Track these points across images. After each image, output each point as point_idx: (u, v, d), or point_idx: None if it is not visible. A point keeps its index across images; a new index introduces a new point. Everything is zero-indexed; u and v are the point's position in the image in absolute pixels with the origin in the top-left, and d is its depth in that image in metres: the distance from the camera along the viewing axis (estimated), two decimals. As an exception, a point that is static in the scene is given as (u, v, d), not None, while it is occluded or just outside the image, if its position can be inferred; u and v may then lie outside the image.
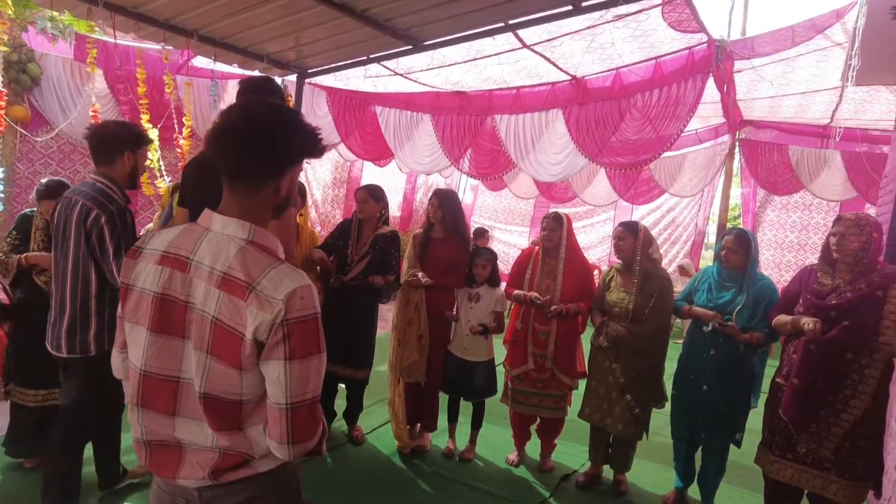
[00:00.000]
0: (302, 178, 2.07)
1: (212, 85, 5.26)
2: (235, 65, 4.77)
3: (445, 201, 3.60)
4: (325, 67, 4.96)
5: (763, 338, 2.88)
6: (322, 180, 9.01)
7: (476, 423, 3.69)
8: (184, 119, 4.68)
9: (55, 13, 4.61)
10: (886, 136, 6.20)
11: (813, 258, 8.25)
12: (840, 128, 6.45)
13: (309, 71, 5.05)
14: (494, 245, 10.07)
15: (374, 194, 3.64)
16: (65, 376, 2.58)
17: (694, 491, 3.29)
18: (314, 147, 1.26)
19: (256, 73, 5.22)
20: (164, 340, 1.21)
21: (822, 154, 7.17)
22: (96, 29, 4.59)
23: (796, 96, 5.84)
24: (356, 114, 6.27)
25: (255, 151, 1.19)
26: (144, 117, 4.38)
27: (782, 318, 2.69)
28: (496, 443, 3.84)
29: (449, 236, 3.59)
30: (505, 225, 11.23)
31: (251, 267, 1.16)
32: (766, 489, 2.83)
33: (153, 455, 1.27)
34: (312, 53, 4.53)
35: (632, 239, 3.26)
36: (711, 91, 4.64)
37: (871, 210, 5.93)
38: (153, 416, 1.24)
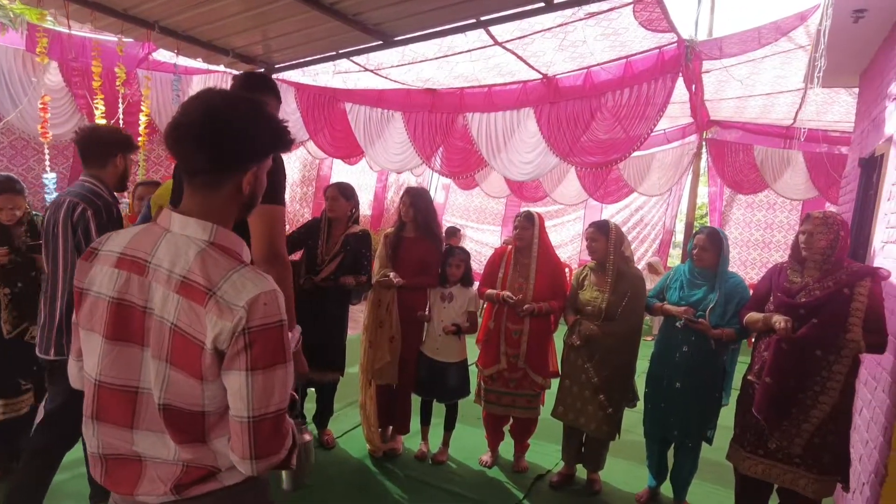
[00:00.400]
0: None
1: (174, 79, 5.08)
2: (199, 59, 4.61)
3: (417, 200, 3.54)
4: (293, 63, 4.84)
5: (734, 334, 2.90)
6: (290, 178, 8.86)
7: (449, 425, 3.65)
8: (141, 113, 4.49)
9: (5, 1, 4.38)
10: (846, 138, 6.38)
11: (777, 255, 8.48)
12: (804, 129, 6.62)
13: (276, 66, 4.92)
14: (466, 244, 10.05)
15: (344, 192, 3.55)
16: (51, 380, 2.51)
17: (667, 488, 3.30)
18: (281, 141, 1.18)
19: (221, 67, 5.07)
20: (120, 348, 1.13)
21: (785, 154, 7.35)
22: (49, 18, 4.37)
23: (761, 97, 5.95)
24: (325, 110, 6.15)
25: (211, 146, 1.10)
26: (98, 112, 4.18)
27: (753, 316, 2.71)
28: (469, 444, 3.80)
29: (421, 235, 3.53)
30: (476, 224, 11.23)
31: (211, 271, 1.09)
32: (737, 485, 2.85)
33: (110, 470, 1.18)
34: (280, 48, 4.41)
35: (604, 239, 3.26)
36: (680, 91, 4.69)
37: (831, 209, 6.08)
38: (110, 428, 1.16)
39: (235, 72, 5.46)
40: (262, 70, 4.94)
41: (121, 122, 4.28)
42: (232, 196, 1.17)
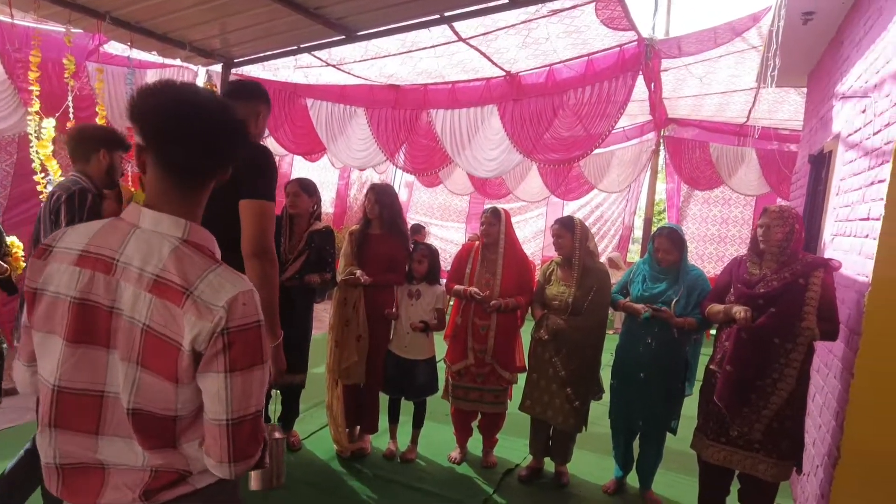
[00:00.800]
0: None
1: (128, 73, 4.87)
2: (155, 52, 4.46)
3: (383, 196, 3.51)
4: (253, 57, 4.73)
5: (696, 323, 2.98)
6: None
7: (418, 423, 3.63)
8: (97, 108, 4.29)
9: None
10: (795, 135, 6.63)
11: (732, 249, 8.75)
12: (757, 127, 6.85)
13: (235, 60, 4.80)
14: (431, 241, 10.02)
15: (305, 188, 3.49)
16: None
17: (633, 478, 3.37)
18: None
19: (178, 61, 4.91)
20: (83, 351, 1.07)
21: (739, 151, 7.59)
22: (-11, 7, 4.14)
23: (716, 96, 6.13)
24: (286, 106, 6.03)
25: (224, 148, 1.11)
26: (34, 107, 3.94)
27: (715, 308, 2.79)
28: (438, 441, 3.80)
29: (387, 232, 3.50)
30: (441, 221, 11.23)
31: (187, 269, 1.05)
32: (701, 472, 2.92)
33: (67, 481, 1.11)
34: (239, 42, 4.29)
35: (569, 235, 3.29)
36: (639, 89, 4.78)
37: (784, 204, 6.31)
38: (71, 436, 1.09)
39: (193, 66, 5.30)
40: (221, 63, 4.82)
41: (70, 116, 4.08)
42: (207, 194, 1.17)
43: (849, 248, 2.76)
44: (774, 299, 2.56)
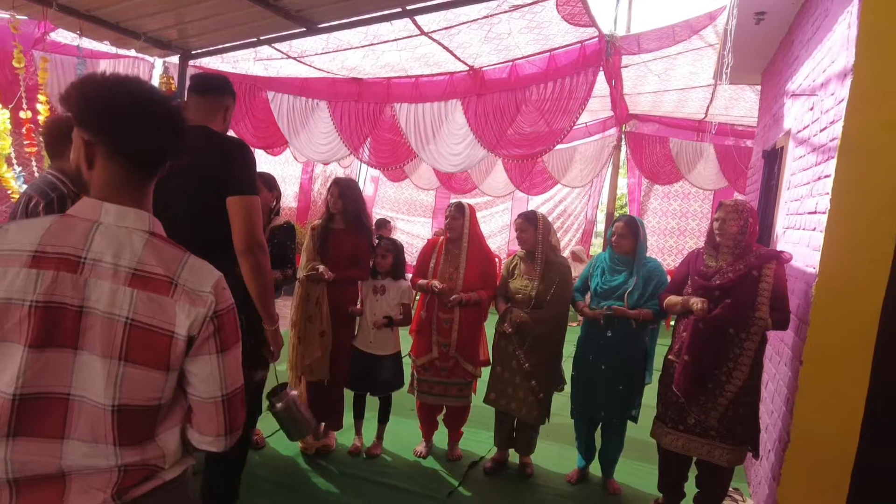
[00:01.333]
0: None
1: (78, 63, 4.69)
2: (107, 42, 4.31)
3: (347, 191, 3.47)
4: (211, 49, 4.62)
5: (651, 314, 3.05)
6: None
7: (383, 418, 3.62)
8: (39, 98, 4.11)
9: None
10: (751, 131, 6.84)
11: (692, 242, 8.98)
12: (715, 122, 7.03)
13: (193, 52, 4.68)
14: (397, 236, 9.99)
15: (266, 182, 3.41)
16: None
17: (595, 468, 3.44)
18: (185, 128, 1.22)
19: (132, 52, 4.76)
20: (49, 355, 1.02)
21: (698, 147, 7.79)
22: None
23: (676, 92, 6.27)
24: (246, 99, 5.92)
25: (173, 133, 1.14)
26: None
27: (673, 299, 2.86)
28: (403, 435, 3.80)
29: (351, 227, 3.47)
30: (407, 216, 11.20)
31: (166, 260, 1.10)
32: (660, 459, 3.01)
33: (22, 494, 1.05)
34: (197, 33, 4.19)
35: (532, 229, 3.33)
36: (601, 85, 4.85)
37: (739, 198, 6.51)
38: (33, 444, 1.04)
39: (149, 58, 5.15)
40: (178, 55, 4.69)
41: (24, 106, 3.92)
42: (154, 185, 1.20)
43: (798, 240, 2.86)
44: (730, 291, 2.64)
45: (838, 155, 2.28)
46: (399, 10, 3.60)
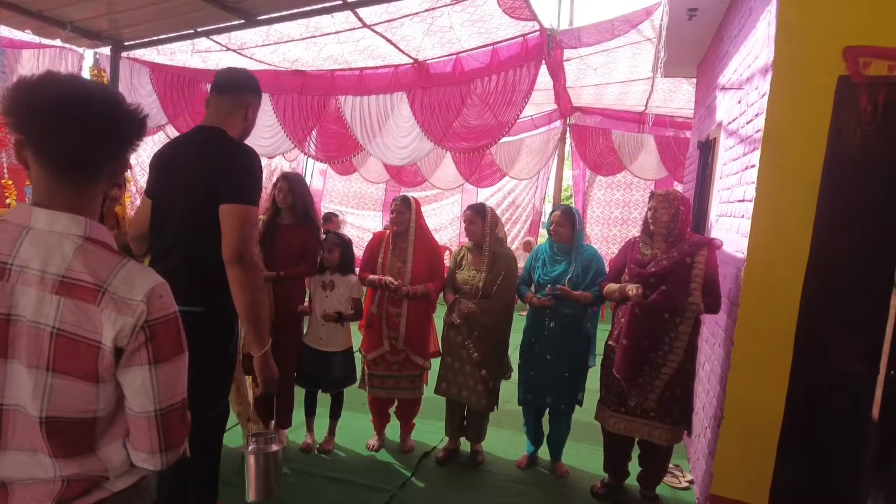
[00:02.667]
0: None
1: (-2, 54, 4.44)
2: (29, 31, 4.08)
3: (296, 186, 3.42)
4: (145, 40, 4.45)
5: (591, 297, 3.15)
6: (147, 166, 8.13)
7: (335, 414, 3.60)
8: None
9: None
10: (688, 123, 7.10)
11: (635, 231, 9.25)
12: (653, 114, 7.26)
13: (126, 43, 4.49)
14: (347, 230, 9.90)
15: None
16: None
17: (544, 452, 3.53)
18: (143, 127, 1.14)
19: (58, 42, 4.52)
20: None
21: (639, 138, 8.02)
22: None
23: (616, 85, 6.44)
24: (185, 92, 5.72)
25: (104, 133, 1.05)
26: None
27: (611, 287, 2.97)
28: (356, 430, 3.79)
29: (298, 223, 3.42)
30: (357, 210, 11.09)
31: (97, 267, 1.03)
32: (605, 441, 3.13)
33: None
34: (129, 23, 4.02)
35: (480, 221, 3.38)
36: (544, 78, 4.93)
37: (678, 188, 6.78)
38: None
39: (77, 48, 4.90)
40: (110, 46, 4.49)
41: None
42: (102, 187, 1.13)
43: (729, 227, 3.02)
44: (664, 277, 2.75)
45: (762, 146, 2.41)
46: (340, 2, 3.56)
